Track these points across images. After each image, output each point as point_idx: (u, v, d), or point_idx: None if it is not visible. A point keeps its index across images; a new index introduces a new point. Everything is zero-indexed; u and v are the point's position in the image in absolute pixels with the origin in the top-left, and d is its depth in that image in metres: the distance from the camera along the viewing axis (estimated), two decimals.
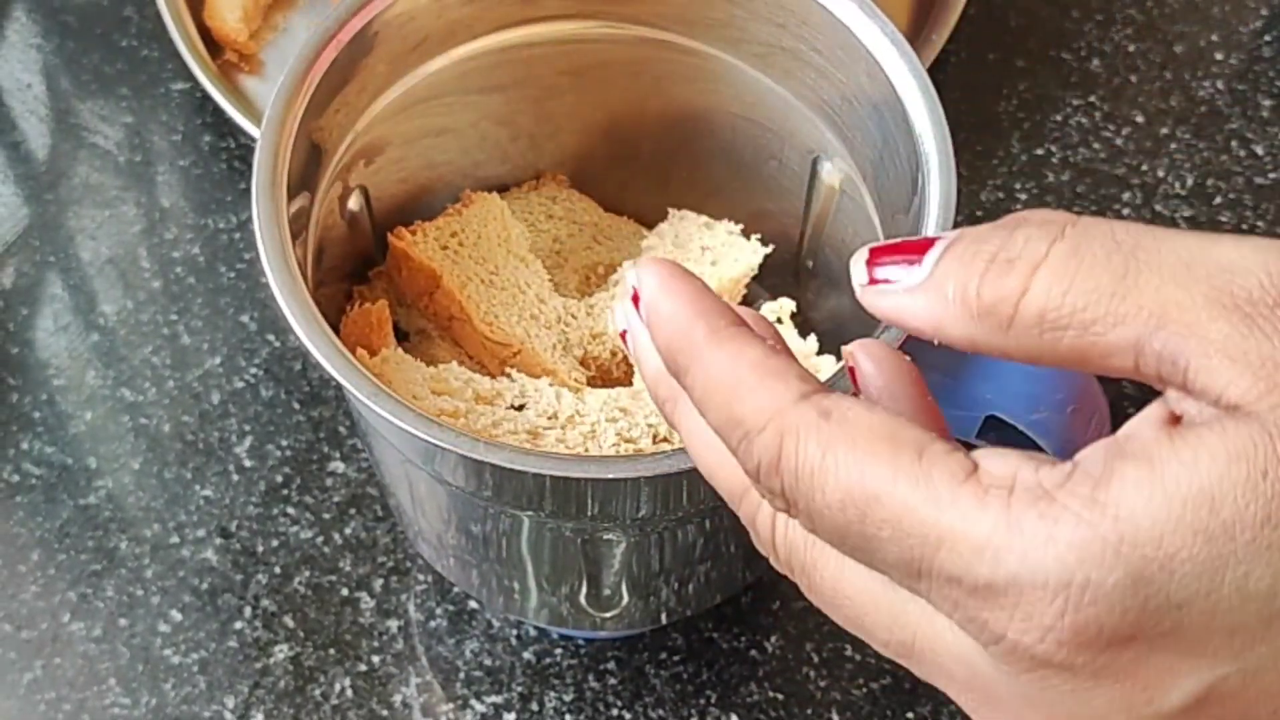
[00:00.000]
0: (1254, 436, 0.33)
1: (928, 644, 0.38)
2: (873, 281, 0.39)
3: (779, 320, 0.65)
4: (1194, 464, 0.33)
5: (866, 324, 0.54)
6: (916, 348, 0.52)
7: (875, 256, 0.39)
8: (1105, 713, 0.35)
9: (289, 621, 0.73)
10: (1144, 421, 0.36)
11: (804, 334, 0.64)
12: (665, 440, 0.59)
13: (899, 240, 0.39)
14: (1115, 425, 0.73)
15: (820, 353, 0.63)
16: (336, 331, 0.53)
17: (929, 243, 0.38)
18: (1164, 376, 0.35)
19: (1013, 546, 0.33)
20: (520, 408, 0.59)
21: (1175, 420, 0.35)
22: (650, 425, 0.59)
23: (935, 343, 0.38)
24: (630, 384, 0.63)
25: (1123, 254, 0.35)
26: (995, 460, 0.35)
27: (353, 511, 0.76)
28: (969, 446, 0.46)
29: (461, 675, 0.72)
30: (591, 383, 0.65)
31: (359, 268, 0.67)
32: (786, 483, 0.37)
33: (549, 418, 0.59)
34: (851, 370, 0.43)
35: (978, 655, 0.36)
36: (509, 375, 0.61)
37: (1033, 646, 0.34)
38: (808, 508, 0.37)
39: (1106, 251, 0.35)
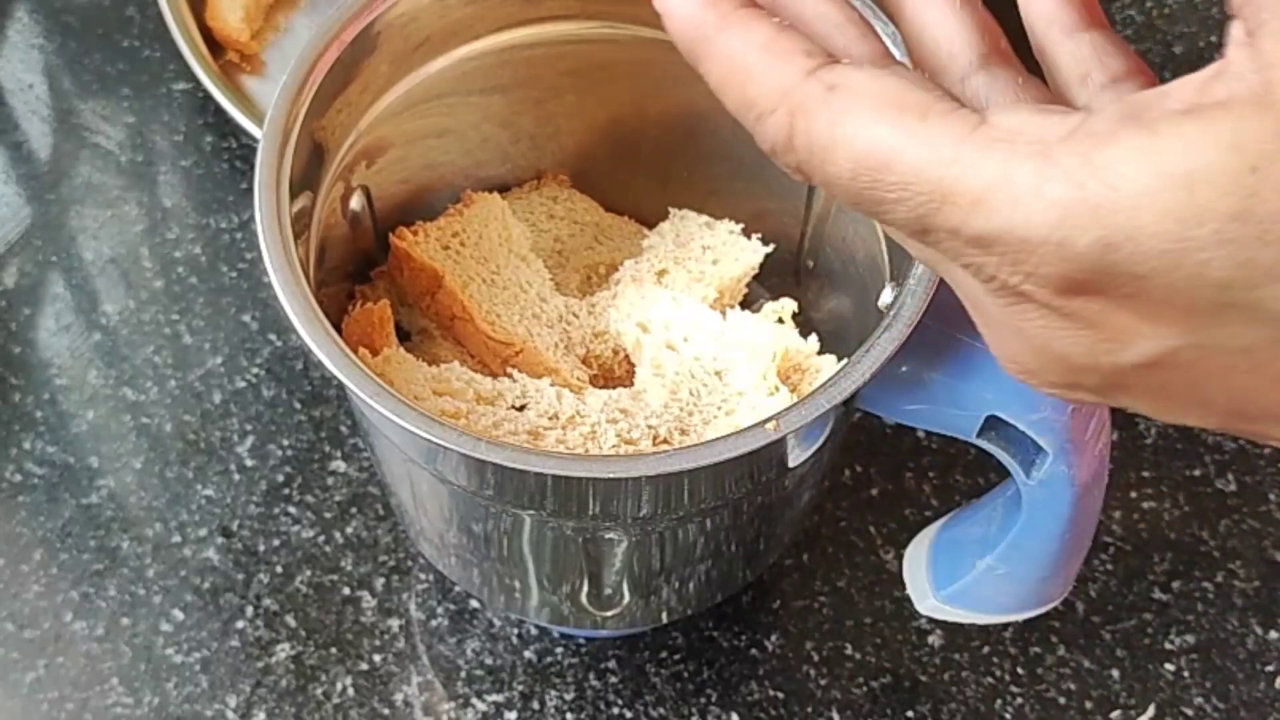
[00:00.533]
0: (1261, 130, 0.33)
1: (944, 270, 0.41)
2: None
3: (780, 320, 0.65)
4: (1192, 145, 0.34)
5: (867, 324, 0.54)
6: (921, 347, 0.53)
7: None
8: (1073, 351, 0.38)
9: (291, 620, 0.73)
10: (1183, 82, 0.36)
11: (804, 334, 0.64)
12: (665, 441, 0.59)
13: None
14: (1115, 424, 0.73)
15: (820, 352, 0.63)
16: (338, 331, 0.53)
17: None
18: (1244, 15, 0.35)
19: (1006, 198, 0.36)
20: (521, 408, 0.59)
21: (1211, 81, 0.35)
22: (650, 427, 0.59)
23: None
24: (631, 384, 0.63)
25: None
26: (1005, 114, 0.37)
27: (354, 511, 0.76)
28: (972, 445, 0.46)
29: (463, 674, 0.73)
30: (594, 381, 0.65)
31: (361, 268, 0.68)
32: (801, 158, 0.39)
33: (550, 418, 0.59)
34: None
35: (979, 291, 0.39)
36: (510, 375, 0.61)
37: (1017, 286, 0.37)
38: (823, 179, 0.39)
39: None
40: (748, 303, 0.69)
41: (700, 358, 0.61)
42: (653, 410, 0.59)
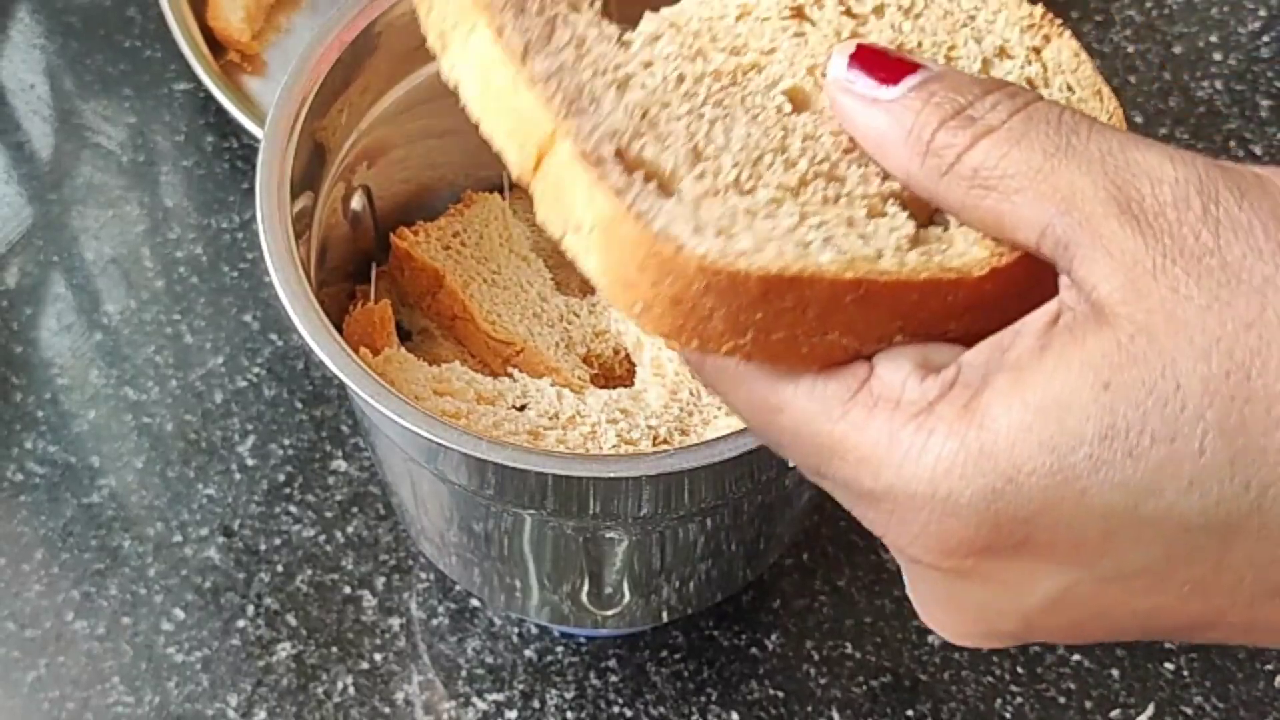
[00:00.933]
0: (1103, 345, 0.34)
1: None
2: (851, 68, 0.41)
3: None
4: (1052, 373, 0.35)
5: None
6: None
7: (861, 56, 0.40)
8: (981, 604, 0.38)
9: (291, 619, 0.74)
10: (1028, 323, 0.37)
11: None
12: (665, 442, 0.59)
13: (887, 51, 0.41)
14: None
15: None
16: (339, 331, 0.54)
17: (912, 67, 0.39)
18: (1058, 260, 0.36)
19: (891, 459, 0.36)
20: (522, 408, 0.59)
21: (1057, 317, 0.36)
22: (650, 427, 0.59)
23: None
24: (631, 384, 0.63)
25: (1061, 136, 0.37)
26: (889, 367, 0.37)
27: (355, 510, 0.76)
28: None
29: (463, 673, 0.73)
30: (594, 381, 0.65)
31: (362, 268, 0.68)
32: (709, 383, 0.40)
33: (550, 418, 0.59)
34: None
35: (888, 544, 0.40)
36: (511, 375, 0.61)
37: (906, 549, 0.37)
38: (732, 407, 0.40)
39: (1049, 132, 0.37)
40: None
41: None
42: (653, 410, 0.59)
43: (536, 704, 0.72)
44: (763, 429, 0.39)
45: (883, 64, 0.40)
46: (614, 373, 0.67)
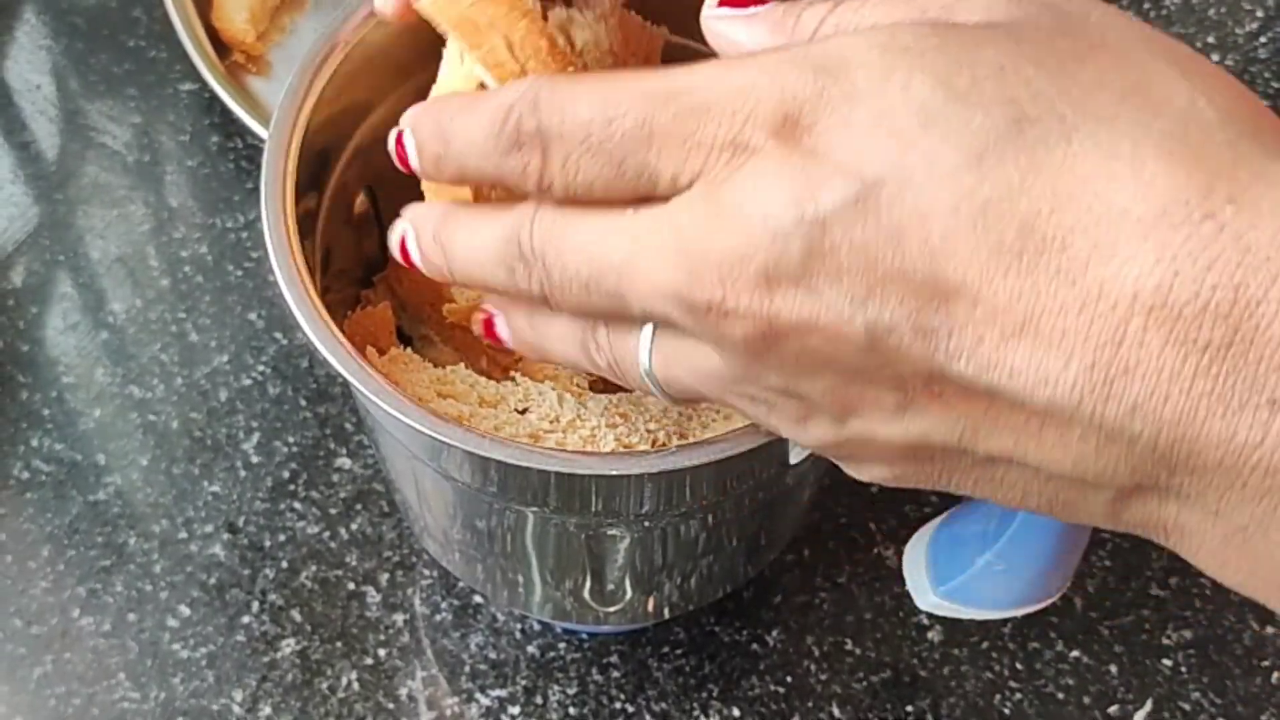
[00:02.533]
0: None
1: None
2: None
3: None
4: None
5: None
6: None
7: None
8: (778, 206, 0.38)
9: (296, 616, 0.74)
10: None
11: None
12: (663, 445, 0.59)
13: None
14: None
15: None
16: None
17: None
18: None
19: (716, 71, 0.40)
20: (523, 411, 0.60)
21: None
22: (650, 431, 0.59)
23: None
24: (631, 390, 0.63)
25: None
26: None
27: (359, 507, 0.77)
28: None
29: (466, 669, 0.73)
30: (593, 387, 0.66)
31: (367, 271, 0.68)
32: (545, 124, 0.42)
33: (551, 421, 0.59)
34: None
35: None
36: (513, 379, 0.61)
37: (738, 136, 0.39)
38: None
39: None
40: None
41: None
42: (652, 415, 0.60)
43: (539, 700, 0.72)
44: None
45: None
46: (612, 380, 0.67)
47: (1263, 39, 0.95)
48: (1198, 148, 0.36)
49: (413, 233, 0.50)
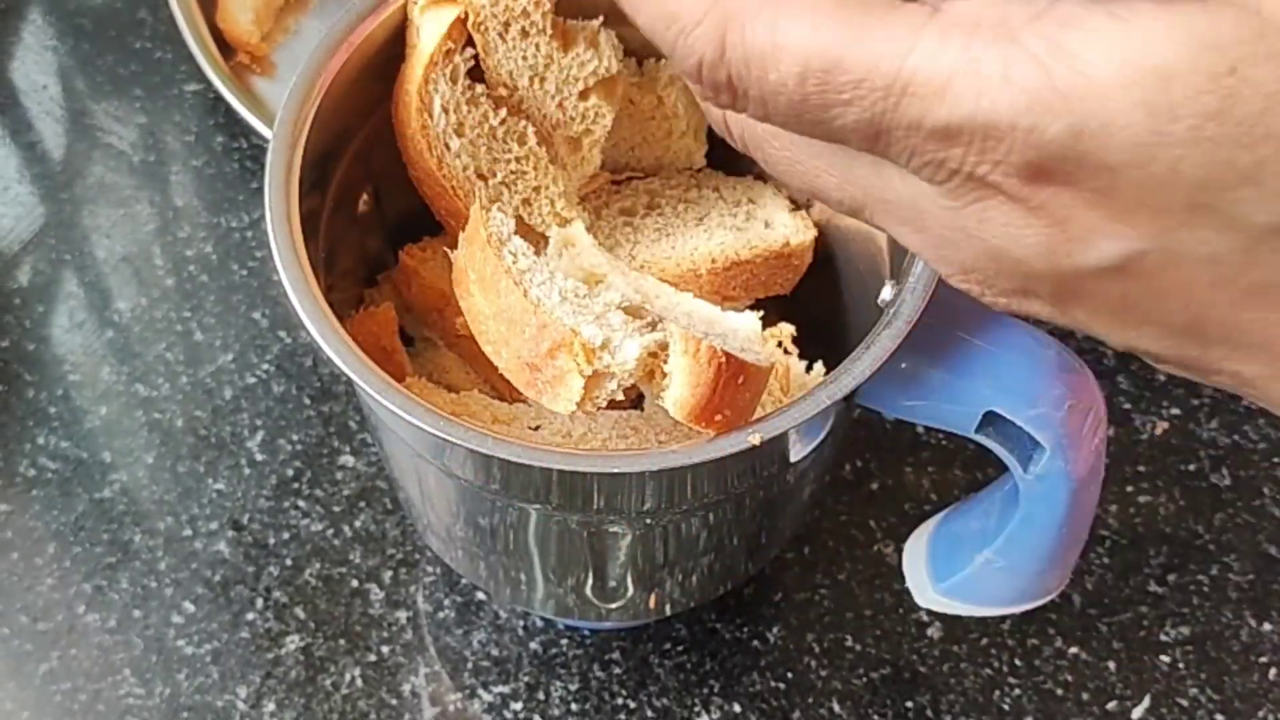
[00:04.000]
0: (1239, 30, 0.33)
1: (878, 194, 0.40)
2: None
3: (780, 344, 0.64)
4: (1166, 37, 0.33)
5: (867, 321, 0.55)
6: (921, 344, 0.53)
7: None
8: (1032, 252, 0.36)
9: (300, 613, 0.74)
10: None
11: (805, 341, 0.64)
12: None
13: None
14: (1111, 420, 0.74)
15: (814, 360, 0.63)
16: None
17: None
18: None
19: (971, 87, 0.34)
20: (536, 428, 0.60)
21: None
22: (660, 443, 0.59)
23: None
24: (641, 408, 0.63)
25: None
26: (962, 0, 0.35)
27: (362, 505, 0.77)
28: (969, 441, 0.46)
29: (469, 665, 0.73)
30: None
31: (370, 271, 0.68)
32: (735, 71, 0.37)
33: (563, 436, 0.59)
34: None
35: (926, 197, 0.38)
36: (525, 400, 0.61)
37: (985, 177, 0.35)
38: (760, 93, 0.37)
39: None
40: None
41: None
42: (663, 427, 0.60)
43: (541, 696, 0.72)
44: (818, 93, 0.36)
45: None
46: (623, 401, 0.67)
47: None
48: None
49: None
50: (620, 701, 0.72)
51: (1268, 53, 0.32)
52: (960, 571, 0.66)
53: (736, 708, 0.72)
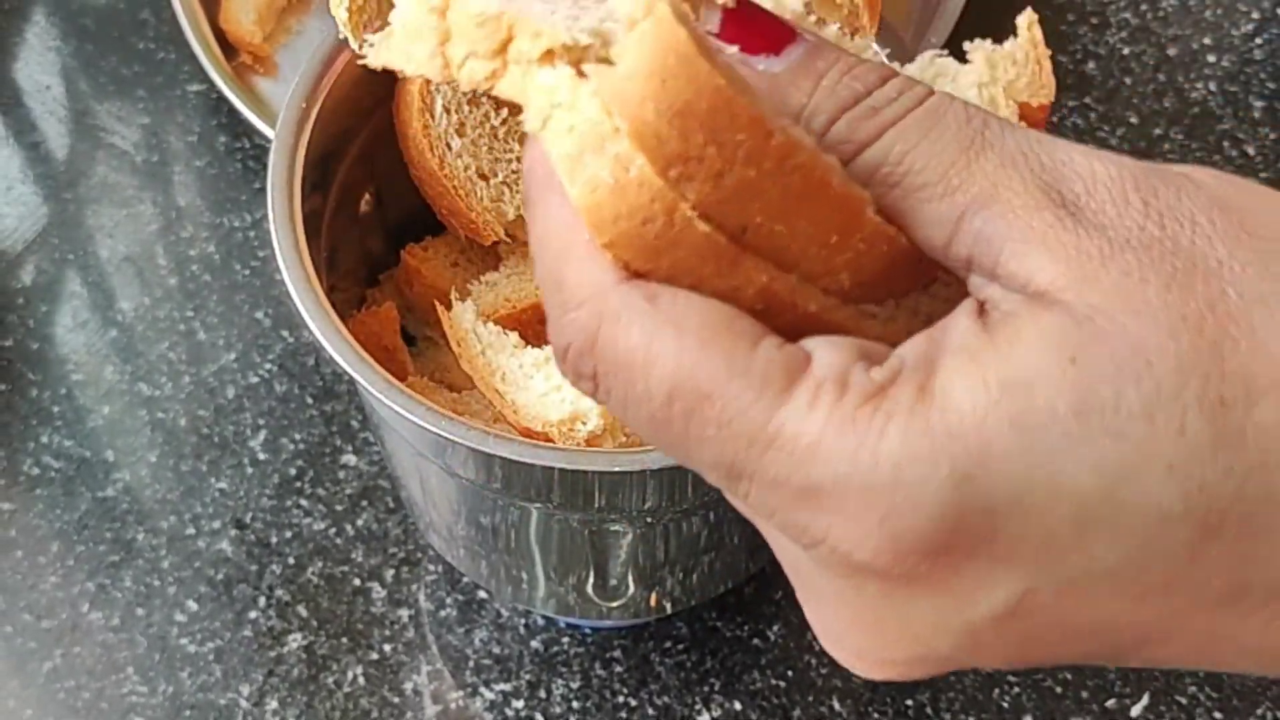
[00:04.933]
0: (1063, 323, 0.31)
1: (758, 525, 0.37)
2: (723, 37, 0.36)
3: None
4: (1009, 351, 0.32)
5: None
6: None
7: (736, 18, 0.36)
8: (916, 620, 0.34)
9: (302, 611, 0.75)
10: (957, 316, 0.34)
11: None
12: None
13: (763, 10, 0.36)
14: None
15: None
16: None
17: (791, 34, 0.36)
18: (974, 257, 0.34)
19: (844, 447, 0.32)
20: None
21: (982, 310, 0.33)
22: None
23: None
24: None
25: (974, 130, 0.34)
26: (829, 351, 0.33)
27: (364, 504, 0.77)
28: None
29: (471, 663, 0.74)
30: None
31: (371, 270, 0.68)
32: (602, 369, 0.34)
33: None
34: None
35: (798, 552, 0.35)
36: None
37: (851, 553, 0.33)
38: (623, 397, 0.34)
39: (960, 125, 0.34)
40: None
41: None
42: None
43: (543, 694, 0.73)
44: (681, 420, 0.33)
45: (761, 28, 0.36)
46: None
47: (1258, 40, 0.95)
48: None
49: None
50: (621, 699, 0.73)
51: (1093, 334, 0.32)
52: None
53: (737, 705, 0.73)
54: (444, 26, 0.36)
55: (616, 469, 0.52)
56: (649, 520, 0.58)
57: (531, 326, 0.61)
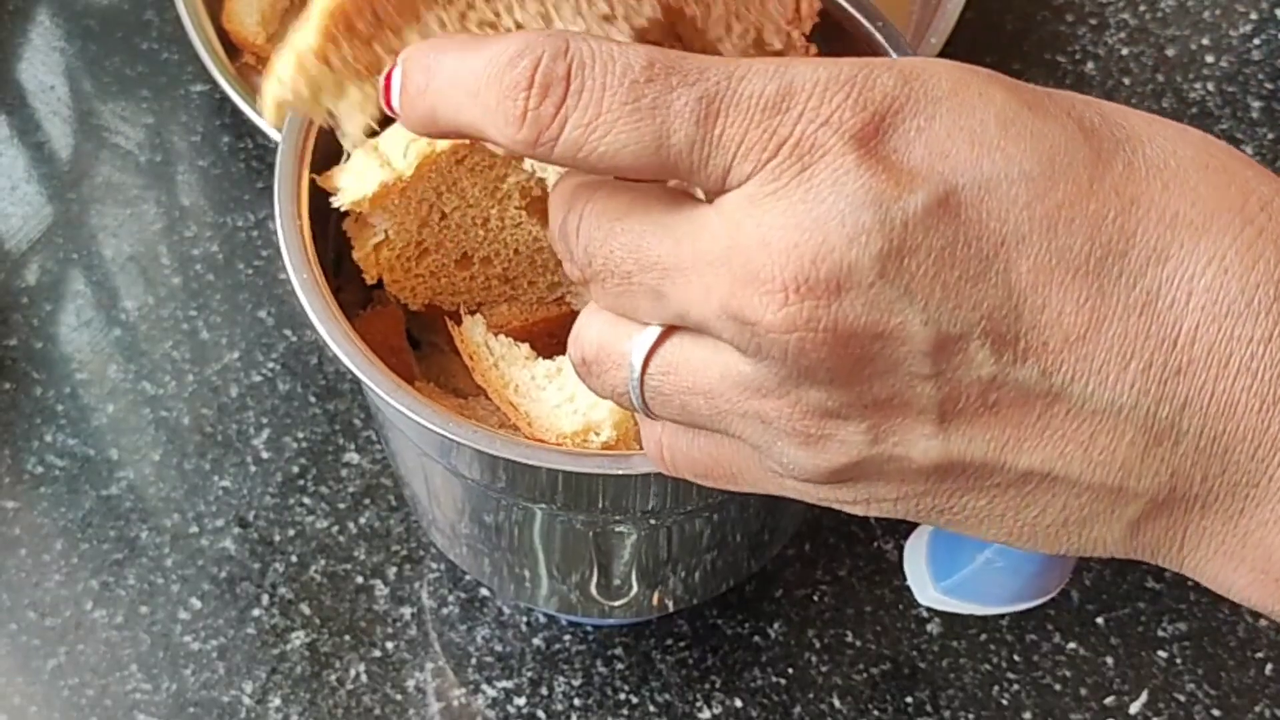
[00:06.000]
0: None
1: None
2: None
3: None
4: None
5: None
6: None
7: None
8: (858, 205, 0.37)
9: (305, 609, 0.75)
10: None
11: None
12: None
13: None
14: None
15: None
16: None
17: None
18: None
19: (789, 62, 0.38)
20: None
21: None
22: None
23: None
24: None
25: None
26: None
27: (367, 502, 0.77)
28: None
29: (473, 661, 0.74)
30: None
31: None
32: (575, 63, 0.38)
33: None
34: None
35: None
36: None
37: (827, 123, 0.37)
38: (600, 80, 0.38)
39: None
40: None
41: None
42: None
43: (545, 691, 0.73)
44: (662, 79, 0.38)
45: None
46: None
47: (1256, 41, 0.95)
48: (1224, 168, 0.38)
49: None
50: (623, 697, 0.73)
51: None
52: (960, 571, 0.66)
53: (738, 703, 0.73)
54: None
55: (620, 472, 0.52)
56: (652, 521, 0.58)
57: (542, 339, 0.62)
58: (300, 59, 0.48)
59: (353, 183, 0.58)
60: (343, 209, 0.58)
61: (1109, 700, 0.74)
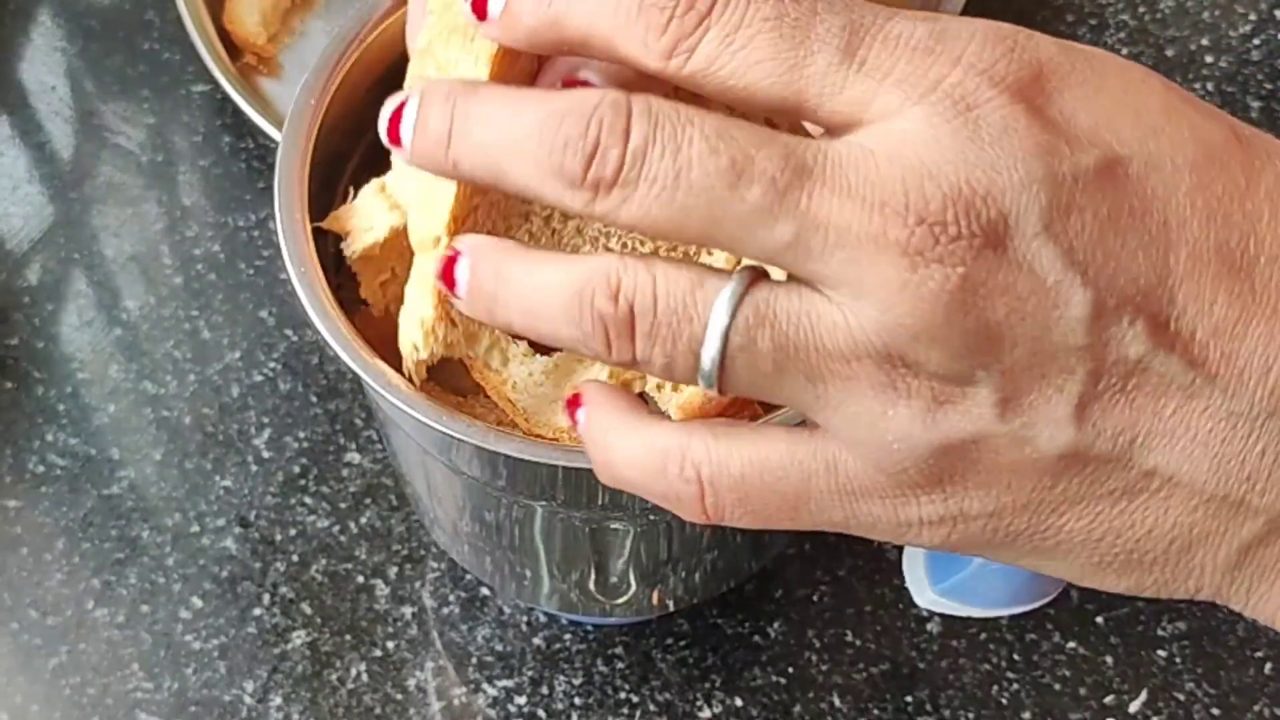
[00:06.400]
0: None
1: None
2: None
3: None
4: None
5: None
6: None
7: None
8: (1029, 154, 0.36)
9: (306, 608, 0.75)
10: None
11: None
12: None
13: None
14: None
15: None
16: None
17: None
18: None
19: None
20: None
21: None
22: None
23: None
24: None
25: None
26: None
27: (368, 501, 0.77)
28: None
29: (474, 660, 0.74)
30: None
31: None
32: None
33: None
34: None
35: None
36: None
37: (988, 70, 0.37)
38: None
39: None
40: None
41: None
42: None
43: (545, 690, 0.73)
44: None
45: None
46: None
47: (1256, 41, 0.95)
48: None
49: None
50: (623, 696, 0.73)
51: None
52: (958, 574, 0.66)
53: (738, 702, 0.73)
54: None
55: None
56: (651, 518, 0.58)
57: None
58: (424, 326, 0.49)
59: (361, 224, 0.58)
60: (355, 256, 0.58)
61: (1109, 699, 0.74)
